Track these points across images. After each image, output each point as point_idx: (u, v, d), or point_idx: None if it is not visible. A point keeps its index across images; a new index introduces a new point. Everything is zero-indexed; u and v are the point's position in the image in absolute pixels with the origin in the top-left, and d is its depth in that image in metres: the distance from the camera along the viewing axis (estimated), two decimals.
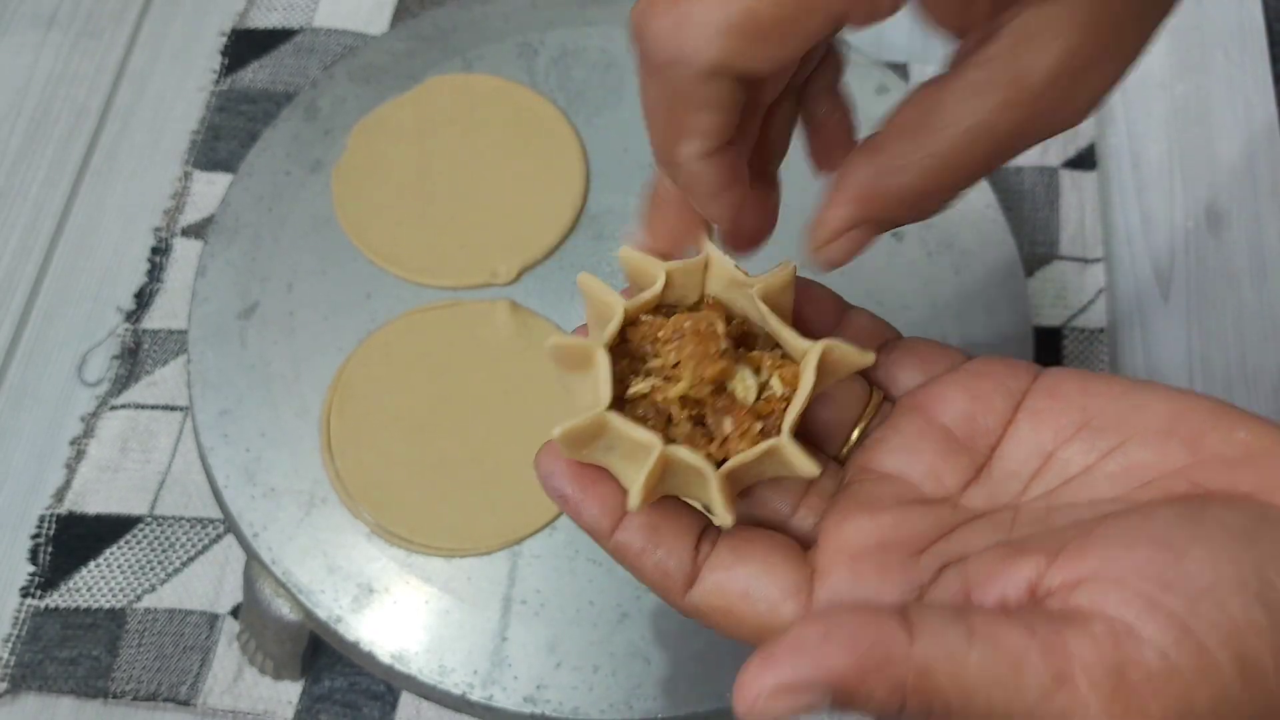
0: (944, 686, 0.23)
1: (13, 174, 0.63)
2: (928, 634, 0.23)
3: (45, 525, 0.54)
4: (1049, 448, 0.28)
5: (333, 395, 0.51)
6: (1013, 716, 0.23)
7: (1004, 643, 0.23)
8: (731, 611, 0.28)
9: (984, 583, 0.25)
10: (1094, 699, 0.22)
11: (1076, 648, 0.23)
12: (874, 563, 0.27)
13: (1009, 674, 0.23)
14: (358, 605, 0.47)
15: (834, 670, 0.23)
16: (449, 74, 0.59)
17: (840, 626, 0.23)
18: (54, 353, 0.59)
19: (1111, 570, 0.24)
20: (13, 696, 0.51)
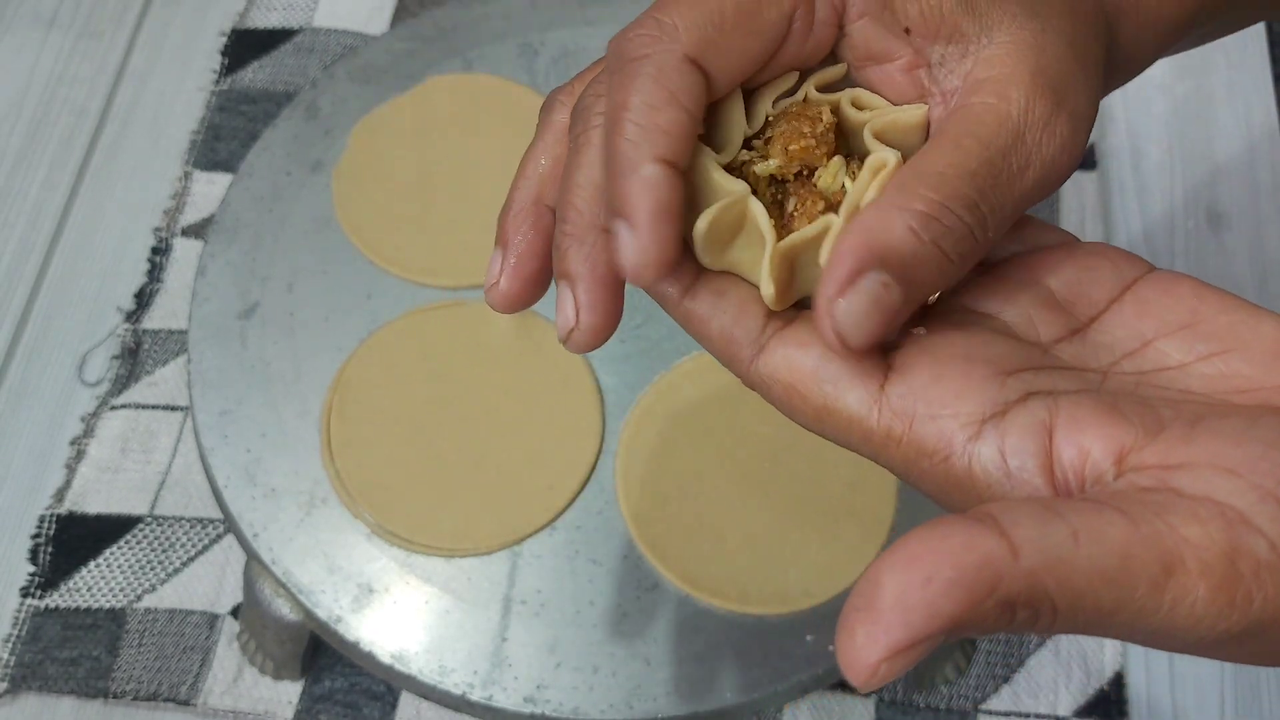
0: (1053, 592, 0.22)
1: (13, 174, 0.63)
2: (1030, 543, 0.22)
3: (45, 525, 0.54)
4: (1148, 336, 0.27)
5: (333, 395, 0.51)
6: (1121, 612, 0.22)
7: (1110, 538, 0.22)
8: (796, 389, 0.27)
9: (1070, 427, 0.25)
10: (1203, 586, 0.22)
11: (1185, 531, 0.22)
12: (958, 370, 0.26)
13: (1118, 570, 0.22)
14: (358, 605, 0.47)
15: (946, 616, 0.21)
16: (449, 74, 0.59)
17: (940, 562, 0.21)
18: (54, 353, 0.59)
19: (1220, 459, 0.23)
20: (13, 696, 0.51)
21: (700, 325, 0.28)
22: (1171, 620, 0.22)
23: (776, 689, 0.46)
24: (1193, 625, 0.22)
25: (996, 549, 0.21)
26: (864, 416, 0.27)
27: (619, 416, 0.51)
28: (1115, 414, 0.25)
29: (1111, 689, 0.51)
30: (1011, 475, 0.25)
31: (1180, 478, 0.23)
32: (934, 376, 0.26)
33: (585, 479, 0.50)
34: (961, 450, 0.26)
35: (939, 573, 0.21)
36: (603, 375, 0.52)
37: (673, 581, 0.48)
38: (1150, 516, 0.22)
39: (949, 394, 0.26)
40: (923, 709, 0.51)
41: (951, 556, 0.21)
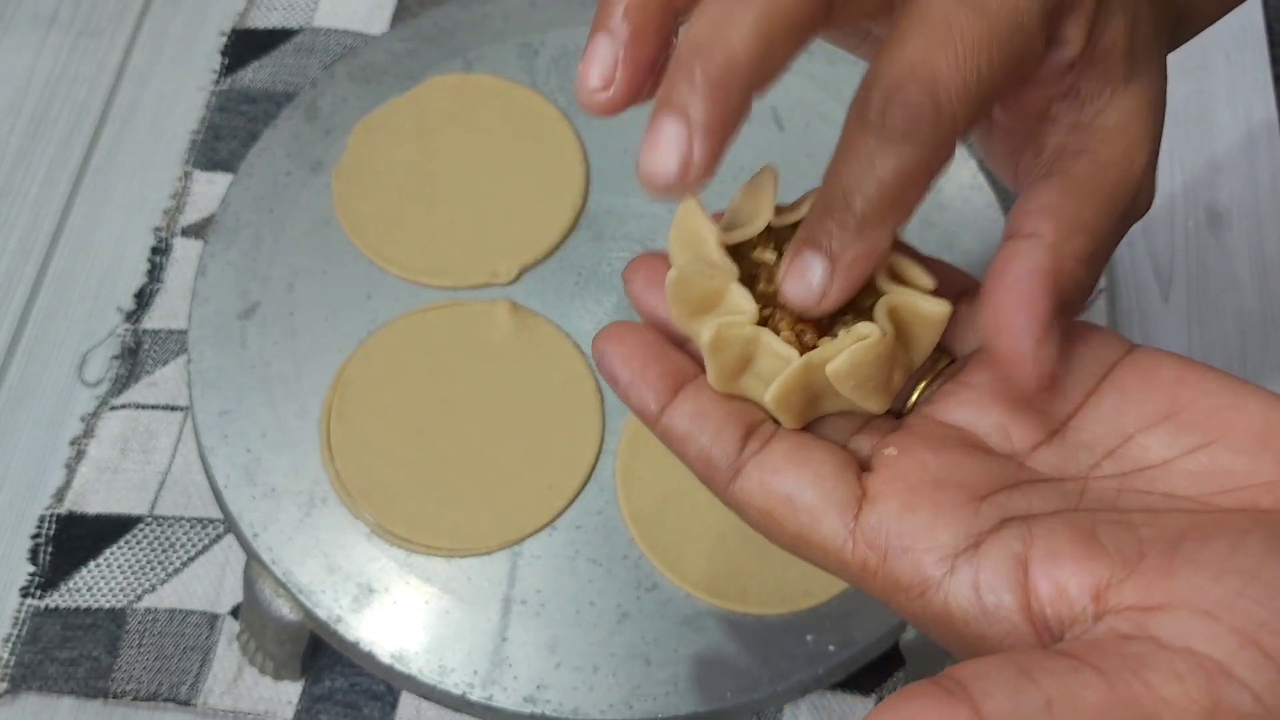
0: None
1: (13, 174, 0.63)
2: (1002, 717, 0.21)
3: (45, 525, 0.54)
4: (1129, 430, 0.27)
5: (333, 395, 0.51)
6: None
7: (1084, 705, 0.21)
8: (773, 514, 0.27)
9: (1046, 562, 0.24)
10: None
11: (1163, 690, 0.21)
12: (930, 498, 0.26)
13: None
14: (358, 605, 0.47)
15: None
16: (449, 74, 0.59)
17: None
18: (54, 353, 0.59)
19: (1199, 599, 0.22)
20: (13, 696, 0.51)
21: (678, 444, 0.28)
22: None
23: (776, 689, 0.46)
24: None
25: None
26: (839, 548, 0.26)
27: (619, 416, 0.51)
28: (1092, 545, 0.24)
29: None
30: (988, 612, 0.24)
31: (1160, 622, 0.22)
32: (906, 506, 0.26)
33: (585, 479, 0.50)
34: (936, 586, 0.25)
35: None
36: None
37: (673, 581, 0.48)
38: (1127, 675, 0.22)
39: (921, 526, 0.25)
40: None
41: None
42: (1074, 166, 0.27)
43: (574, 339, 0.52)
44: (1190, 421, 0.26)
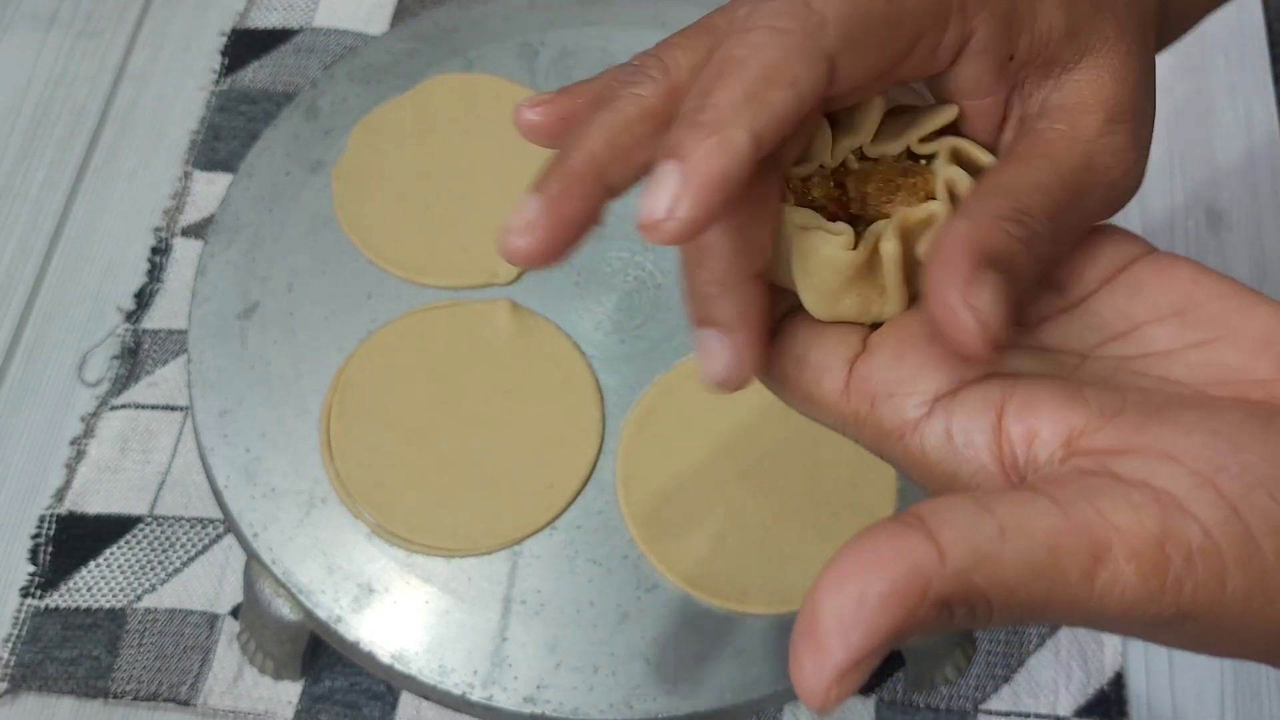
0: (984, 588, 0.22)
1: (13, 174, 0.63)
2: (957, 543, 0.22)
3: (45, 525, 0.54)
4: (1138, 320, 0.27)
5: (333, 395, 0.51)
6: (1054, 601, 0.22)
7: (1037, 530, 0.22)
8: (785, 375, 0.28)
9: (1022, 409, 0.25)
10: (1131, 571, 0.22)
11: (1115, 517, 0.22)
12: (920, 349, 0.26)
13: (1046, 562, 0.22)
14: (358, 605, 0.47)
15: (885, 627, 0.21)
16: (449, 74, 0.59)
17: (871, 577, 0.21)
18: (54, 353, 0.59)
19: (1167, 446, 0.23)
20: (13, 696, 0.51)
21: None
22: (1103, 606, 0.22)
23: (776, 689, 0.46)
24: (1124, 611, 0.22)
25: (924, 554, 0.21)
26: (836, 401, 0.27)
27: (619, 416, 0.51)
28: (1072, 398, 0.25)
29: (1111, 689, 0.51)
30: (957, 452, 0.25)
31: (1122, 463, 0.23)
32: (896, 355, 0.27)
33: (585, 479, 0.50)
34: (914, 428, 0.26)
35: (870, 588, 0.21)
36: (603, 375, 0.52)
37: (673, 581, 0.48)
38: (1081, 503, 0.22)
39: (907, 374, 0.26)
40: (923, 709, 0.51)
41: (880, 569, 0.21)
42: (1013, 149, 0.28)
43: (574, 339, 0.52)
44: (1198, 319, 0.27)
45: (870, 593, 0.21)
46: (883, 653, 0.21)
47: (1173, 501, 0.22)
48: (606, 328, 0.53)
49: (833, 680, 0.21)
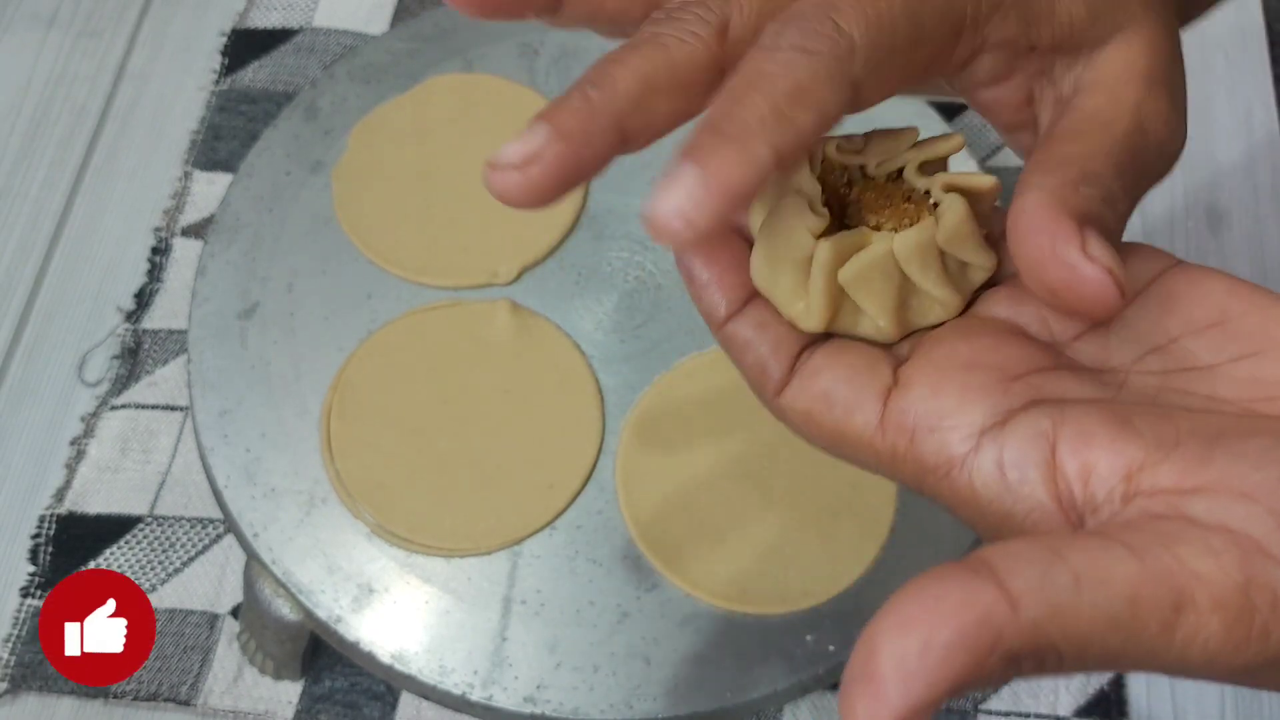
0: (1058, 641, 0.21)
1: (13, 174, 0.63)
2: (1030, 593, 0.20)
3: (45, 525, 0.54)
4: (1175, 334, 0.26)
5: (333, 395, 0.51)
6: (1131, 652, 0.21)
7: (1115, 580, 0.21)
8: (810, 414, 0.27)
9: (1076, 440, 0.24)
10: (1215, 622, 0.21)
11: (1195, 564, 0.21)
12: (958, 380, 0.26)
13: (1125, 614, 0.21)
14: (358, 605, 0.47)
15: (948, 682, 0.20)
16: (449, 74, 0.59)
17: (937, 628, 0.20)
18: (54, 353, 0.59)
19: (1237, 484, 0.22)
20: (13, 696, 0.51)
21: (738, 350, 0.28)
22: (1185, 657, 0.21)
23: (776, 689, 0.46)
24: (1207, 660, 0.21)
25: (995, 604, 0.20)
26: (870, 438, 0.26)
27: (619, 416, 0.51)
28: (1126, 428, 0.24)
29: (1111, 689, 0.51)
30: (1011, 489, 0.24)
31: (1195, 504, 0.22)
32: (934, 389, 0.26)
33: (585, 479, 0.50)
34: (961, 463, 0.25)
35: (936, 636, 0.20)
36: (603, 375, 0.52)
37: (673, 581, 0.48)
38: (1159, 550, 0.21)
39: (948, 406, 0.25)
40: None
41: (948, 617, 0.20)
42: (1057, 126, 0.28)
43: (574, 339, 0.52)
44: (1238, 331, 0.26)
45: (936, 641, 0.20)
46: (941, 704, 0.20)
47: (1254, 545, 0.21)
48: (606, 328, 0.53)
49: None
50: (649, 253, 0.55)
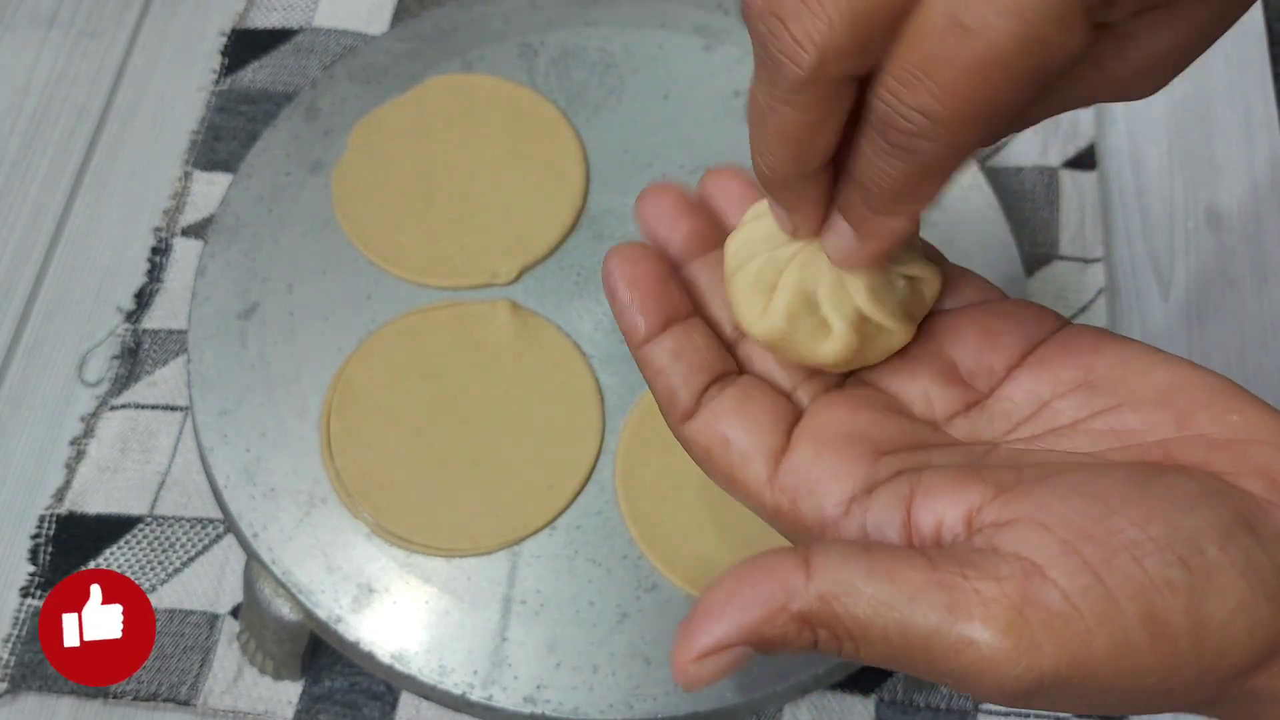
0: (841, 617, 0.24)
1: (13, 174, 0.63)
2: (826, 570, 0.24)
3: (45, 525, 0.54)
4: (1045, 397, 0.29)
5: (333, 395, 0.51)
6: (910, 647, 0.24)
7: (900, 576, 0.24)
8: (710, 453, 0.30)
9: (926, 496, 0.26)
10: (988, 635, 0.23)
11: (978, 584, 0.23)
12: (837, 450, 0.28)
13: (903, 605, 0.24)
14: (358, 605, 0.47)
15: (745, 623, 0.24)
16: (449, 74, 0.59)
17: (745, 582, 0.25)
18: (54, 353, 0.59)
19: (1041, 515, 0.24)
20: (13, 696, 0.51)
21: (651, 374, 0.30)
22: (964, 665, 0.23)
23: (776, 689, 0.46)
24: (988, 671, 0.23)
25: (794, 572, 0.24)
26: (760, 490, 0.29)
27: (619, 416, 0.51)
28: (971, 477, 0.26)
29: None
30: None
31: (1002, 535, 0.24)
32: (816, 455, 0.28)
33: (585, 479, 0.50)
34: (834, 526, 0.27)
35: (741, 590, 0.24)
36: (603, 375, 0.52)
37: (673, 581, 0.48)
38: (950, 566, 0.24)
39: (826, 473, 0.28)
40: (923, 709, 0.51)
41: (754, 578, 0.25)
42: None
43: (574, 339, 0.52)
44: (1102, 387, 0.28)
45: (741, 593, 0.24)
46: (742, 651, 0.24)
47: (1036, 569, 0.23)
48: (606, 327, 0.53)
49: (693, 657, 0.24)
50: None
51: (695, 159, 0.57)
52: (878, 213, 0.27)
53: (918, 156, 0.25)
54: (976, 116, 0.24)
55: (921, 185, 0.26)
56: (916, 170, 0.25)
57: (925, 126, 0.24)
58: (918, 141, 0.24)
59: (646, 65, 0.59)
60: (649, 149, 0.57)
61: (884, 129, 0.25)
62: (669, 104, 0.58)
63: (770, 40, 0.25)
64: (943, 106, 0.23)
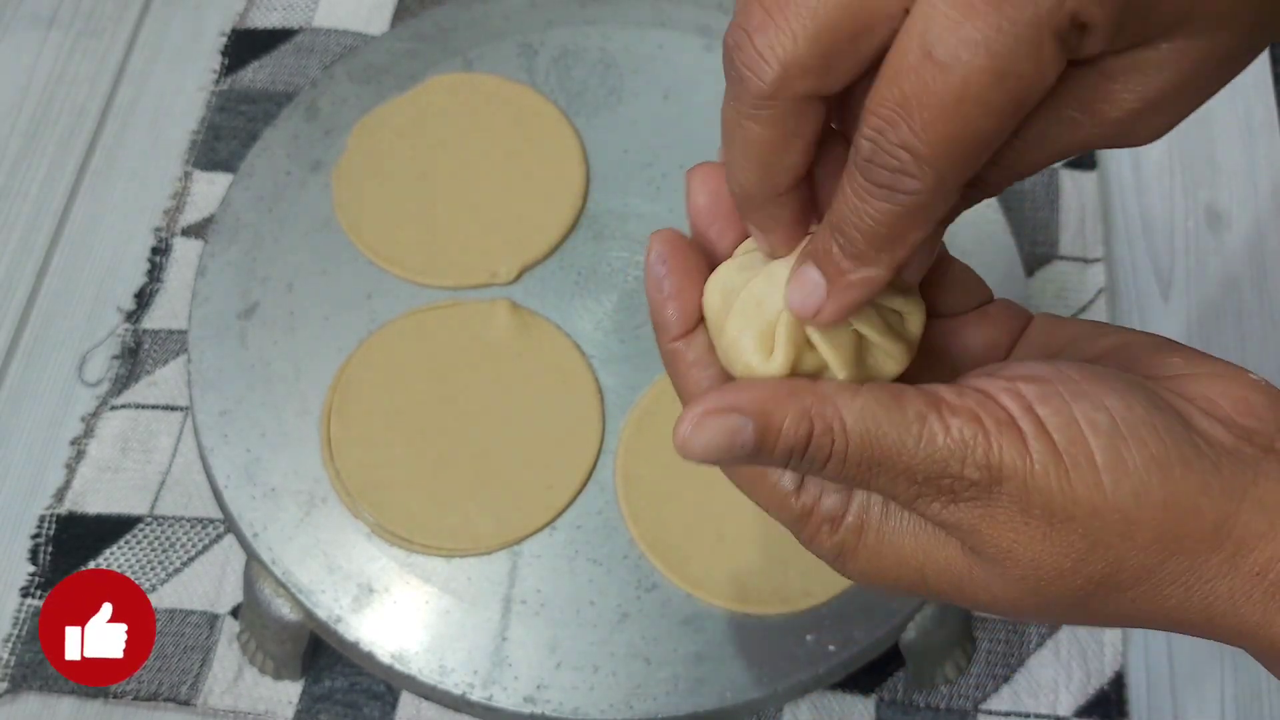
0: (843, 413, 0.26)
1: (13, 174, 0.63)
2: (826, 385, 0.27)
3: (45, 525, 0.54)
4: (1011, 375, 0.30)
5: (333, 395, 0.51)
6: (886, 450, 0.26)
7: (889, 388, 0.27)
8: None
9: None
10: (955, 423, 0.26)
11: (945, 394, 0.27)
12: None
13: (890, 401, 0.26)
14: (358, 605, 0.47)
15: (755, 397, 0.27)
16: (449, 74, 0.59)
17: (754, 383, 0.27)
18: (54, 353, 0.59)
19: (1003, 373, 0.27)
20: (13, 696, 0.51)
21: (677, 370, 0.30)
22: (930, 452, 0.26)
23: (776, 689, 0.46)
24: (948, 455, 0.26)
25: (801, 380, 0.27)
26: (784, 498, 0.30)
27: (619, 416, 0.51)
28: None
29: (1111, 689, 0.51)
30: None
31: (976, 380, 0.28)
32: None
33: (585, 479, 0.50)
34: None
35: (750, 384, 0.27)
36: (603, 375, 0.52)
37: (673, 581, 0.48)
38: (924, 388, 0.27)
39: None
40: (923, 709, 0.51)
41: (761, 383, 0.27)
42: None
43: (574, 339, 0.52)
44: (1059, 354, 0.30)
45: (756, 384, 0.27)
46: (740, 423, 0.26)
47: (988, 396, 0.27)
48: (606, 328, 0.53)
49: (696, 415, 0.27)
50: None
51: (695, 159, 0.56)
52: (856, 260, 0.26)
53: (902, 196, 0.25)
54: (958, 152, 0.24)
55: (905, 229, 0.25)
56: (901, 212, 0.25)
57: (909, 163, 0.24)
58: (902, 180, 0.24)
59: (646, 65, 0.59)
60: (649, 149, 0.57)
61: (868, 168, 0.25)
62: (669, 104, 0.58)
63: (735, 53, 0.25)
64: (924, 143, 0.24)
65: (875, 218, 0.25)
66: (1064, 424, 0.26)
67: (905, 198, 0.25)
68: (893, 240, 0.26)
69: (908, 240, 0.26)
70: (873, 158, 0.24)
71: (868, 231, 0.26)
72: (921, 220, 0.25)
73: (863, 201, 0.25)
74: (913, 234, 0.26)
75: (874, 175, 0.25)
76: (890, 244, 0.26)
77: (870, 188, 0.25)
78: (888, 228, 0.25)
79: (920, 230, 0.26)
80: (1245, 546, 0.26)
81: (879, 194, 0.25)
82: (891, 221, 0.25)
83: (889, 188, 0.25)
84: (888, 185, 0.25)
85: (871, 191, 0.25)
